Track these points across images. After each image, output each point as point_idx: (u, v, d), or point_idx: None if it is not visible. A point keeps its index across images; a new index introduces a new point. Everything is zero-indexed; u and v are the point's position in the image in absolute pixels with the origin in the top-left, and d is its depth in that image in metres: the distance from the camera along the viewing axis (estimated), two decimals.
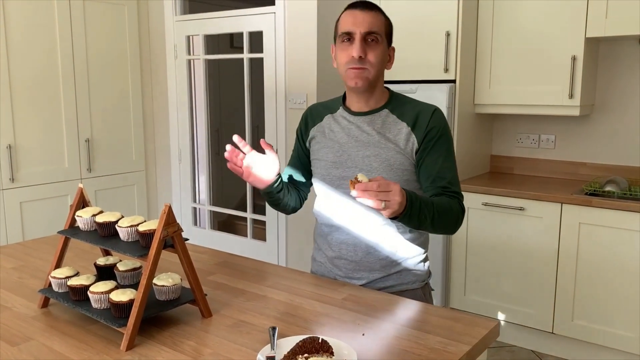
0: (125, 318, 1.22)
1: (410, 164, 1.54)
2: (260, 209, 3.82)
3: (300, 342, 1.11)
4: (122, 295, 1.25)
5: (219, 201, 4.54)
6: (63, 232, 1.44)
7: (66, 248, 1.48)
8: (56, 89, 3.55)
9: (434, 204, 1.41)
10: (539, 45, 3.00)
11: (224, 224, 4.63)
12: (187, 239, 1.35)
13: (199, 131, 4.16)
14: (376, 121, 1.57)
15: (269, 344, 1.16)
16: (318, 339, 1.12)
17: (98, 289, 1.30)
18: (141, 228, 1.30)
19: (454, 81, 3.06)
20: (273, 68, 3.50)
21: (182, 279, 1.39)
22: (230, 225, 4.58)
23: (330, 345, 1.11)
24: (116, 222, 1.36)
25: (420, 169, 1.54)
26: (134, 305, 1.21)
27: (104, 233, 1.37)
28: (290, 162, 1.78)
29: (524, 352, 3.01)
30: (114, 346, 1.21)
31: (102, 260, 1.49)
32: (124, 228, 1.32)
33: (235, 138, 1.54)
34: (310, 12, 3.28)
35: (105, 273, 1.47)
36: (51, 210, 3.58)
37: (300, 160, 1.75)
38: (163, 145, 4.22)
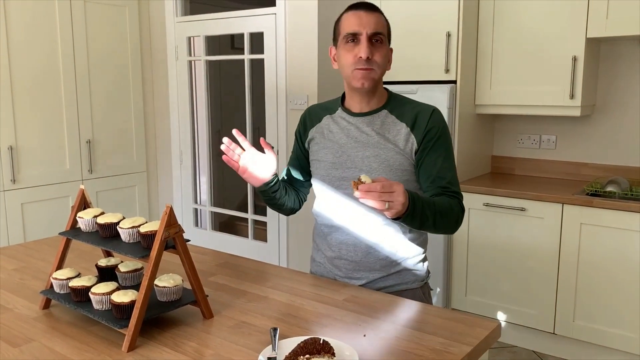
0: (127, 319, 1.22)
1: (409, 164, 1.54)
2: (261, 209, 3.82)
3: (301, 343, 1.11)
4: (124, 297, 1.25)
5: (220, 202, 4.55)
6: (64, 234, 1.45)
7: (67, 249, 1.48)
8: (57, 90, 3.55)
9: (435, 204, 1.42)
10: (540, 46, 3.00)
11: (225, 225, 4.63)
12: (189, 240, 1.36)
13: (200, 132, 4.16)
14: (375, 122, 1.57)
15: (270, 345, 1.16)
16: (319, 339, 1.12)
17: (99, 290, 1.30)
18: (142, 229, 1.30)
19: (454, 82, 3.06)
20: (274, 69, 3.50)
21: (184, 280, 1.39)
22: (231, 226, 4.58)
23: (332, 346, 1.11)
24: (117, 223, 1.36)
25: (420, 169, 1.54)
26: (135, 307, 1.22)
27: (106, 234, 1.37)
28: (290, 163, 1.79)
29: (525, 353, 3.01)
30: (116, 347, 1.21)
31: (104, 262, 1.49)
32: (126, 229, 1.32)
33: (234, 132, 1.55)
34: (311, 13, 3.28)
35: (106, 274, 1.47)
36: (52, 212, 3.59)
37: (300, 162, 1.75)
38: (164, 146, 4.23)
